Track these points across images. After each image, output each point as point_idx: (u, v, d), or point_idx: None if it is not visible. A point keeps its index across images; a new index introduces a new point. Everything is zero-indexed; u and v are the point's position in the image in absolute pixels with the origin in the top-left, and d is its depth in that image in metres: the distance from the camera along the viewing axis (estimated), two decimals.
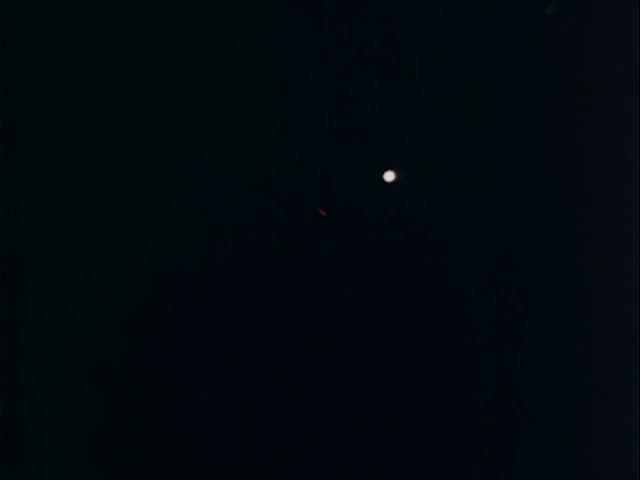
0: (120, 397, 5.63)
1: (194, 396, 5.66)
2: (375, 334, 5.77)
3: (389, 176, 5.84)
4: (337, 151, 5.86)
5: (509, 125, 5.87)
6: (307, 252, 5.83)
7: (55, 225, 5.74)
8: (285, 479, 5.60)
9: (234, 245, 5.81)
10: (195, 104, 5.85)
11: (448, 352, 5.76)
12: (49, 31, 5.80)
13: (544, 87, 5.86)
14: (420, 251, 5.82)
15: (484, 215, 5.84)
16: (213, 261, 5.78)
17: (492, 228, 5.83)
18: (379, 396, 5.72)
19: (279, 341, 5.76)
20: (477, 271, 5.80)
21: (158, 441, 5.59)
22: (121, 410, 5.62)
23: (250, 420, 5.67)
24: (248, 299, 5.81)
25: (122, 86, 5.83)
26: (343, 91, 5.88)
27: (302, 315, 5.78)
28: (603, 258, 5.73)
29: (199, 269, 5.77)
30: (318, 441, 5.64)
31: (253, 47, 5.87)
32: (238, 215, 5.81)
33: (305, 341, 5.77)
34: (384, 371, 5.76)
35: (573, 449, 5.64)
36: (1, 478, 5.48)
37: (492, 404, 5.70)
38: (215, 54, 5.89)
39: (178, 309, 5.76)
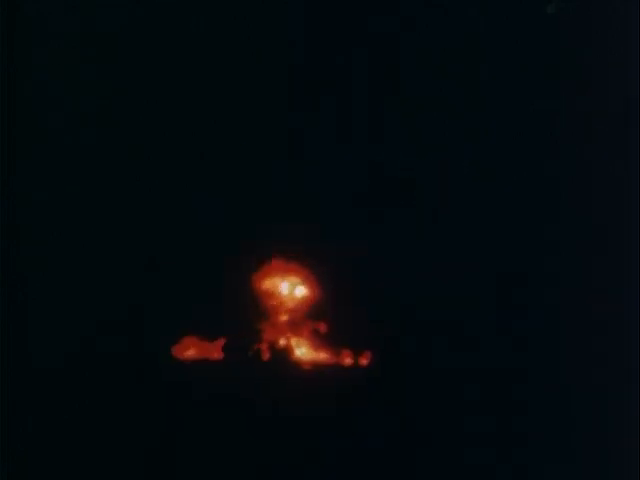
0: (118, 399, 5.64)
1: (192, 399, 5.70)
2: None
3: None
4: (338, 152, 5.89)
5: (510, 123, 5.87)
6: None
7: (55, 223, 5.77)
8: None
9: (234, 246, 5.85)
10: (196, 104, 5.86)
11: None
12: (49, 31, 5.81)
13: (545, 85, 5.86)
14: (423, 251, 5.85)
15: (484, 215, 5.85)
16: (213, 262, 5.83)
17: (494, 228, 5.84)
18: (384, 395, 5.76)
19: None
20: (478, 272, 5.82)
21: (157, 443, 5.60)
22: (120, 411, 5.63)
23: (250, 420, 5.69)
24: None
25: (122, 85, 5.84)
26: (344, 90, 5.90)
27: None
28: (604, 258, 5.74)
29: (199, 270, 5.81)
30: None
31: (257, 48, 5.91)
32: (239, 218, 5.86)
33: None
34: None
35: (574, 449, 5.64)
36: (1, 478, 5.48)
37: (493, 407, 5.71)
38: (217, 54, 5.89)
39: (178, 310, 5.79)
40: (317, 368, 5.81)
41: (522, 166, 5.85)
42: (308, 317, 5.87)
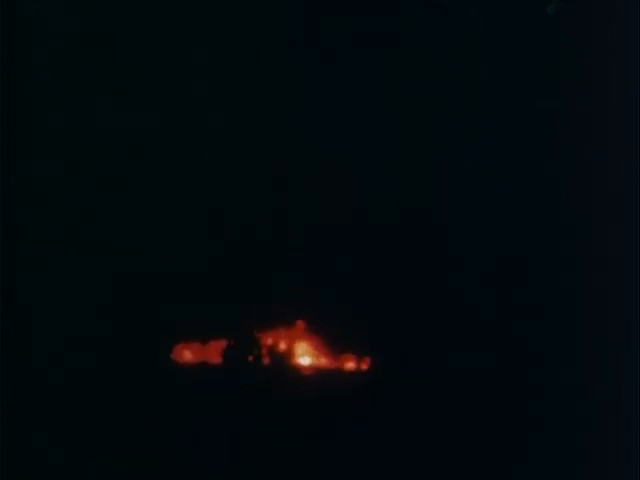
0: (117, 401, 5.65)
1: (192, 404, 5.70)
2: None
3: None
4: (337, 150, 5.89)
5: (510, 123, 5.87)
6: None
7: (55, 223, 5.77)
8: None
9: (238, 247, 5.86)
10: (197, 105, 5.87)
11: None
12: (49, 31, 5.82)
13: (545, 85, 5.86)
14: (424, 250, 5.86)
15: (484, 216, 5.85)
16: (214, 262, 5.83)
17: (493, 228, 5.84)
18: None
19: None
20: (479, 271, 5.82)
21: (156, 446, 5.60)
22: (119, 414, 5.63)
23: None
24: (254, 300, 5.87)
25: (122, 85, 5.85)
26: (343, 91, 5.91)
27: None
28: (604, 259, 5.74)
29: (198, 273, 5.81)
30: None
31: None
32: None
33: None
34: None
35: (575, 449, 5.65)
36: (1, 478, 5.49)
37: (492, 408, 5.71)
38: (217, 54, 5.90)
39: (177, 313, 5.80)
40: (318, 372, 5.81)
41: (522, 166, 5.85)
42: (308, 321, 5.86)
